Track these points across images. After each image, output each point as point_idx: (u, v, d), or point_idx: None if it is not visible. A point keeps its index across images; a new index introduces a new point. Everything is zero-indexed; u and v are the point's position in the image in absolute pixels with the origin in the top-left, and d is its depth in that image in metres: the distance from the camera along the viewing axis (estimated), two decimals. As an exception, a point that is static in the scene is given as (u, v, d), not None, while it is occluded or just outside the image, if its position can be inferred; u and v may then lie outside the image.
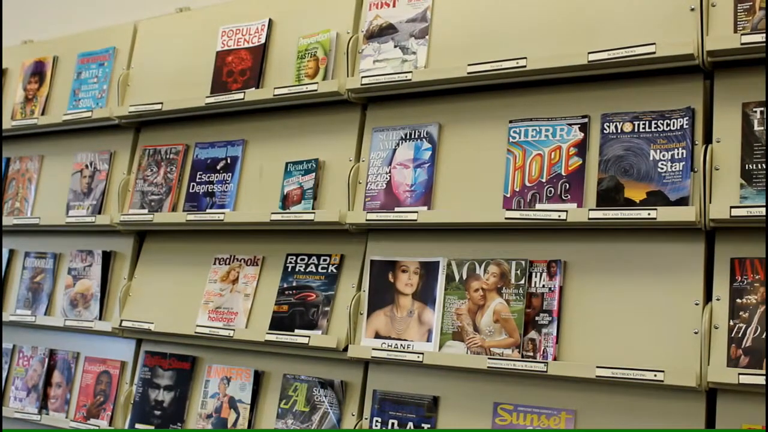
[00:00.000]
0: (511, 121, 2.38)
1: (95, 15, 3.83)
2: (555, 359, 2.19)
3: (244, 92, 2.81)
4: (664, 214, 2.06)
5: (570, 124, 2.29)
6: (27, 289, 3.47)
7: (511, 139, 2.37)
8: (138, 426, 2.94)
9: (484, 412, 2.32)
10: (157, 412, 2.93)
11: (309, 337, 2.54)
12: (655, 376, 2.01)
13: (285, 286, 2.71)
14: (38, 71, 3.64)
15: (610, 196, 2.18)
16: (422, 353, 2.35)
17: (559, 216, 2.19)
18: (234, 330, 2.71)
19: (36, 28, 4.04)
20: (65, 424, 3.20)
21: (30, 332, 3.48)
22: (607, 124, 2.24)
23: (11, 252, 3.62)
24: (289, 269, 2.73)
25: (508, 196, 2.32)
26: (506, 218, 2.26)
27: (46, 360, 3.37)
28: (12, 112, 3.67)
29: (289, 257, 2.74)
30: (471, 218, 2.35)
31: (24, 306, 3.45)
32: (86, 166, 3.36)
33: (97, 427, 3.08)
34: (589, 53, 2.20)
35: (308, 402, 2.61)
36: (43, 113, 3.54)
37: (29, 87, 3.64)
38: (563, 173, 2.27)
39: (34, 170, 3.59)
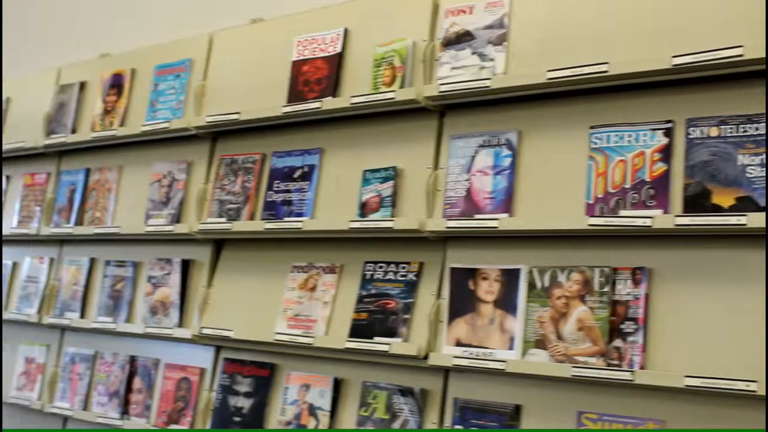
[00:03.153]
0: (592, 127, 2.36)
1: (170, 28, 3.90)
2: (642, 368, 2.15)
3: (321, 101, 2.83)
4: (754, 219, 2.01)
5: (654, 129, 2.26)
6: (108, 297, 3.54)
7: (592, 145, 2.34)
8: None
9: (568, 421, 2.30)
10: (237, 419, 2.96)
11: (389, 344, 2.55)
12: (748, 386, 1.96)
13: (364, 293, 2.72)
14: (116, 84, 3.72)
15: (697, 202, 2.14)
16: (505, 361, 2.33)
17: (645, 222, 2.16)
18: (314, 337, 2.73)
19: (113, 41, 4.12)
20: (146, 429, 3.25)
21: (111, 339, 3.55)
22: (693, 128, 2.20)
23: (92, 260, 3.71)
24: (368, 277, 2.74)
25: (591, 202, 2.30)
26: (589, 225, 2.24)
27: (127, 366, 3.44)
28: (91, 124, 3.75)
29: (368, 265, 2.75)
30: (553, 225, 2.33)
31: (105, 313, 3.52)
32: (164, 176, 3.42)
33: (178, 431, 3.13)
34: (672, 57, 2.17)
35: (388, 409, 2.61)
36: (122, 125, 3.61)
37: (108, 99, 3.73)
38: (647, 179, 2.23)
39: (114, 180, 3.66)
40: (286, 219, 2.90)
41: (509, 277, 2.45)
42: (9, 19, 5.35)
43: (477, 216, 2.47)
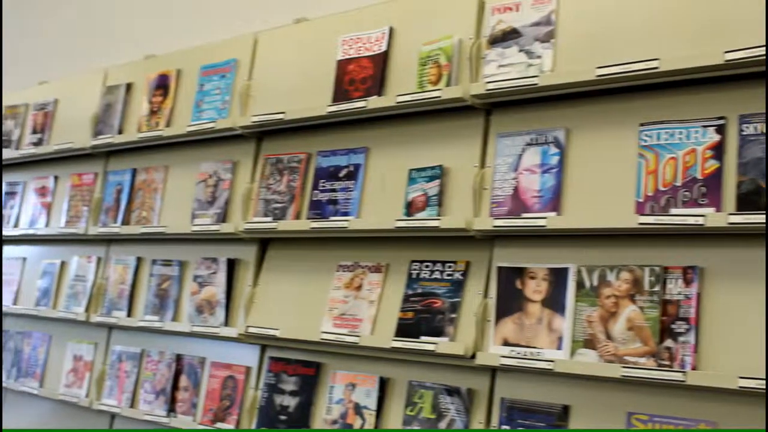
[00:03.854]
0: (642, 124, 2.32)
1: (215, 29, 3.93)
2: (694, 369, 2.12)
3: (367, 100, 2.83)
4: (810, 218, 1.98)
5: (705, 126, 2.22)
6: (154, 296, 3.58)
7: (642, 143, 2.31)
8: (264, 430, 2.99)
9: (617, 421, 2.27)
10: (283, 417, 2.97)
11: (436, 344, 2.54)
12: (804, 387, 1.93)
13: (410, 292, 2.71)
14: (162, 84, 3.75)
15: (750, 200, 2.10)
16: (553, 361, 2.31)
17: (697, 221, 2.13)
18: (360, 336, 2.73)
19: (158, 42, 4.16)
20: (193, 427, 3.28)
21: (157, 337, 3.59)
22: (746, 125, 2.16)
23: (139, 260, 3.74)
24: (414, 276, 2.73)
25: (641, 200, 2.27)
26: (640, 223, 2.21)
27: (173, 364, 3.46)
28: (138, 124, 3.79)
29: (414, 264, 2.75)
30: (602, 223, 2.30)
31: (152, 312, 3.56)
32: (210, 176, 3.44)
33: (224, 431, 3.14)
34: (725, 52, 2.13)
35: (434, 409, 2.60)
36: (167, 125, 3.64)
37: (154, 100, 3.76)
38: (699, 176, 2.20)
39: (160, 180, 3.70)
40: (332, 218, 2.90)
41: (557, 276, 2.42)
42: (56, 21, 5.43)
43: (524, 215, 2.45)
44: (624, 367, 2.19)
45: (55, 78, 4.64)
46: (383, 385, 2.75)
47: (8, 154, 4.56)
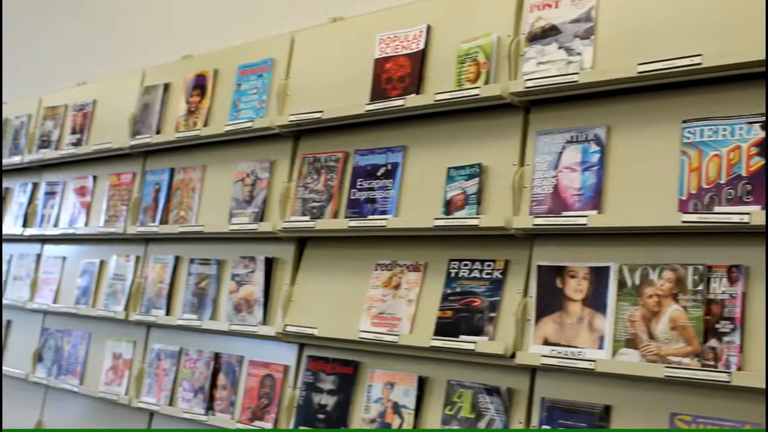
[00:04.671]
0: (684, 121, 2.29)
1: (251, 28, 3.94)
2: (739, 369, 2.09)
3: (405, 99, 2.82)
4: None
5: (750, 123, 2.19)
6: (192, 295, 3.60)
7: (685, 140, 2.28)
8: (302, 428, 3.00)
9: (660, 422, 2.24)
10: (321, 416, 2.97)
11: (475, 343, 2.52)
12: None
13: (448, 291, 2.70)
14: (199, 84, 3.77)
15: (797, 198, 2.07)
16: (595, 361, 2.29)
17: (741, 219, 2.09)
18: (398, 336, 2.72)
19: (195, 43, 4.18)
20: (231, 425, 3.29)
21: (195, 336, 3.61)
22: (792, 121, 2.13)
23: (177, 259, 3.77)
24: (453, 275, 2.72)
25: (684, 198, 2.24)
26: (683, 222, 2.18)
27: (212, 363, 3.48)
28: (175, 124, 3.82)
29: (452, 263, 2.74)
30: (645, 222, 2.28)
31: (190, 311, 3.58)
32: (247, 175, 3.45)
33: (262, 429, 3.15)
34: (770, 48, 2.10)
35: (473, 408, 2.59)
36: (205, 125, 3.66)
37: (191, 100, 3.78)
38: (744, 174, 2.16)
39: (197, 180, 3.72)
40: (370, 217, 2.90)
41: (598, 275, 2.40)
42: (94, 23, 5.48)
43: (565, 213, 2.43)
44: (667, 367, 2.16)
45: (93, 79, 4.69)
46: (422, 384, 2.74)
47: (48, 154, 4.62)
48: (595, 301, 2.38)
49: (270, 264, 3.29)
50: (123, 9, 5.27)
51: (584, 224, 2.36)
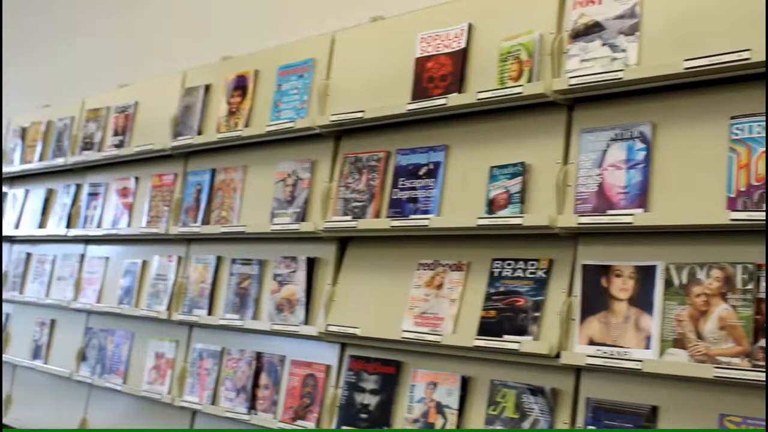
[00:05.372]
0: (733, 117, 2.26)
1: (291, 29, 3.94)
2: (790, 369, 2.05)
3: (447, 97, 2.81)
4: None
5: (800, 119, 2.15)
6: (234, 295, 3.62)
7: (733, 136, 2.24)
8: (345, 428, 3.00)
9: (708, 423, 2.21)
10: (363, 416, 2.97)
11: (520, 343, 2.51)
12: None
13: (492, 291, 2.69)
14: (240, 85, 3.79)
15: None
16: (641, 361, 2.26)
17: (792, 217, 2.06)
18: (441, 335, 2.71)
19: (235, 44, 4.20)
20: (273, 425, 3.30)
21: (237, 335, 3.63)
22: (844, 117, 2.09)
23: (219, 259, 3.79)
24: (496, 274, 2.70)
25: (733, 196, 2.20)
26: (731, 220, 2.15)
27: (254, 362, 3.50)
28: (217, 125, 3.84)
29: (495, 262, 2.72)
30: (692, 220, 2.24)
31: (232, 310, 3.59)
32: (289, 175, 3.46)
33: (305, 429, 3.16)
34: (821, 42, 2.06)
35: (517, 408, 2.58)
36: (246, 125, 3.68)
37: (232, 101, 3.80)
38: (794, 171, 2.13)
39: (239, 180, 3.74)
40: (412, 216, 2.89)
41: (644, 274, 2.37)
42: (134, 25, 5.54)
43: (610, 211, 2.41)
44: (716, 367, 2.13)
45: (135, 81, 4.73)
46: (465, 384, 2.73)
47: (91, 156, 4.67)
48: (642, 300, 2.36)
49: (312, 264, 3.30)
50: (163, 11, 5.32)
51: (630, 223, 2.34)
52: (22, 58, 6.87)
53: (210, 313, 3.73)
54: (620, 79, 2.41)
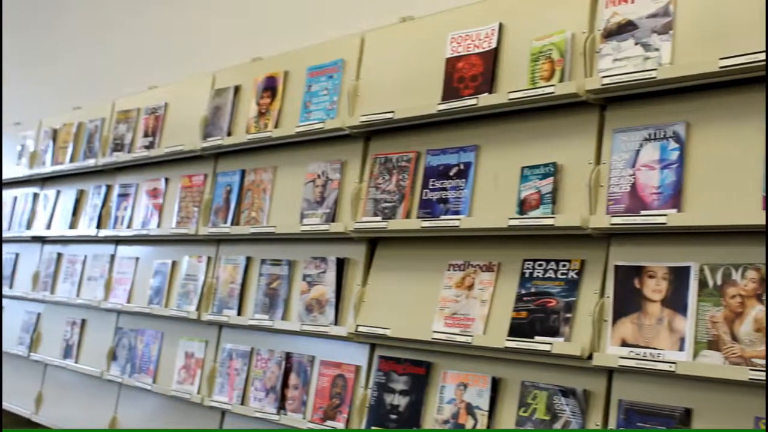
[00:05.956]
0: (768, 116, 2.24)
1: (320, 30, 3.96)
2: (828, 372, 2.02)
3: (477, 98, 2.80)
4: None
5: (838, 118, 2.12)
6: (264, 295, 3.63)
7: (769, 136, 2.22)
8: (374, 429, 3.00)
9: (744, 426, 2.18)
10: (393, 416, 2.97)
11: (551, 344, 2.49)
12: None
13: (523, 292, 2.67)
14: (270, 86, 3.80)
15: None
16: (675, 362, 2.24)
17: (830, 217, 2.03)
18: (472, 336, 2.70)
19: (264, 45, 4.22)
20: (302, 425, 3.31)
21: (267, 336, 3.64)
22: None
23: (248, 259, 3.80)
24: (527, 275, 2.69)
25: (769, 196, 2.18)
26: (768, 220, 2.13)
27: (283, 363, 3.50)
28: (246, 126, 3.85)
29: (526, 263, 2.71)
30: (726, 220, 2.22)
31: (261, 311, 3.60)
32: (318, 176, 3.47)
33: (334, 429, 3.16)
34: None
35: (549, 410, 2.56)
36: (276, 126, 3.69)
37: (262, 102, 3.82)
38: (832, 171, 2.10)
39: (268, 181, 3.75)
40: (443, 217, 2.88)
41: (678, 275, 2.35)
42: (164, 28, 5.58)
43: (643, 212, 2.39)
44: (752, 369, 2.10)
45: (165, 83, 4.76)
46: (495, 385, 2.72)
47: (121, 157, 4.71)
48: (675, 301, 2.33)
49: (341, 264, 3.30)
50: (193, 13, 5.35)
51: (664, 223, 2.31)
52: (53, 61, 6.95)
53: (239, 313, 3.74)
54: (654, 78, 2.39)
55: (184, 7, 5.45)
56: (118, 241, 4.80)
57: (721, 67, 2.25)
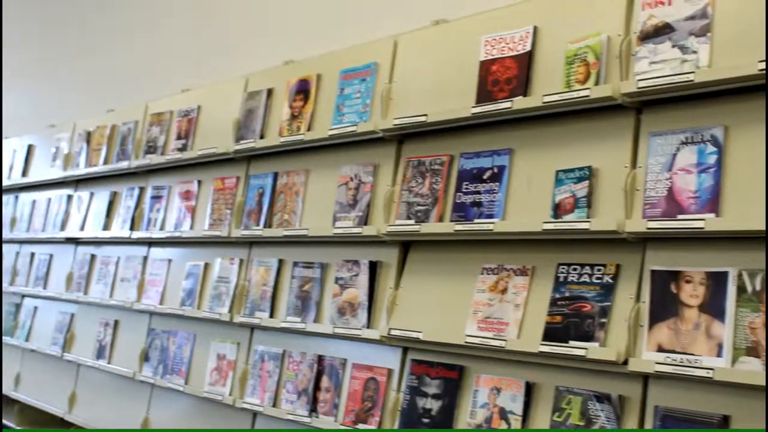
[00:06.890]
0: (809, 120, 2.21)
1: (353, 33, 3.96)
2: None
3: (512, 101, 2.79)
4: None
5: None
6: (296, 297, 3.63)
7: (809, 140, 2.19)
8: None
9: (783, 434, 2.16)
10: (425, 420, 2.96)
11: (586, 349, 2.47)
12: None
13: (557, 296, 2.66)
14: (303, 89, 3.81)
15: None
16: (712, 369, 2.21)
17: None
18: (506, 340, 2.69)
19: (297, 48, 4.23)
20: (334, 427, 3.31)
21: (299, 338, 3.64)
22: None
23: (280, 262, 3.81)
24: (561, 279, 2.67)
25: (809, 201, 2.15)
26: (808, 225, 2.10)
27: (315, 365, 3.51)
28: (279, 129, 3.87)
29: (561, 267, 2.69)
30: (765, 225, 2.19)
31: (294, 313, 3.61)
32: (351, 179, 3.47)
33: (366, 431, 3.17)
34: None
35: (583, 415, 2.54)
36: (308, 129, 3.70)
37: (294, 105, 3.83)
38: None
39: (301, 184, 3.76)
40: (476, 221, 2.87)
41: (716, 281, 2.32)
42: (198, 31, 5.61)
43: (680, 216, 2.36)
44: (791, 376, 2.08)
45: (197, 85, 4.79)
46: (529, 389, 2.71)
47: (154, 159, 4.74)
48: (713, 307, 2.31)
49: (374, 267, 3.30)
50: (225, 16, 5.38)
51: (701, 228, 2.29)
52: (87, 64, 7.02)
53: (271, 315, 3.75)
54: (691, 81, 2.36)
55: (217, 10, 5.48)
56: (150, 242, 4.84)
57: (760, 70, 2.22)
